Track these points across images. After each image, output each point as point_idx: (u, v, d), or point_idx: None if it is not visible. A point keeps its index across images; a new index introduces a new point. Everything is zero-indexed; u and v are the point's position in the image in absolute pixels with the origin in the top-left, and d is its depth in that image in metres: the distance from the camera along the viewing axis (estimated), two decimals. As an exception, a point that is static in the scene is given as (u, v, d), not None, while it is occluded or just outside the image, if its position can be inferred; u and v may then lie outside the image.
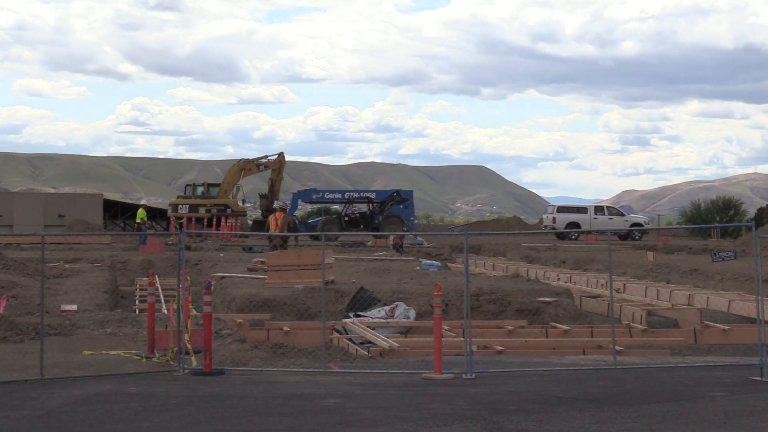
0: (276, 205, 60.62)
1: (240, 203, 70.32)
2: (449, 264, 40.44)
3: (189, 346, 18.09)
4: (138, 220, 67.07)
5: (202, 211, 67.37)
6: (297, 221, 63.37)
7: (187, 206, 69.47)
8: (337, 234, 56.32)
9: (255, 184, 66.56)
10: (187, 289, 19.66)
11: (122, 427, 12.76)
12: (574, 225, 67.31)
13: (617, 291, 27.76)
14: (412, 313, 25.33)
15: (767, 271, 24.34)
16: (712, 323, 24.84)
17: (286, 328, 23.72)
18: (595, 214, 70.23)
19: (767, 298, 22.23)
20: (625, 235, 63.41)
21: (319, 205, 72.27)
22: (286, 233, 47.00)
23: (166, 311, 23.40)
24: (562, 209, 74.12)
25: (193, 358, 17.57)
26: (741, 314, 25.51)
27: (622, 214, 73.56)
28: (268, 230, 50.47)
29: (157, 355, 19.42)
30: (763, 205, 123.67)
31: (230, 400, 14.62)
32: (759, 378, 16.17)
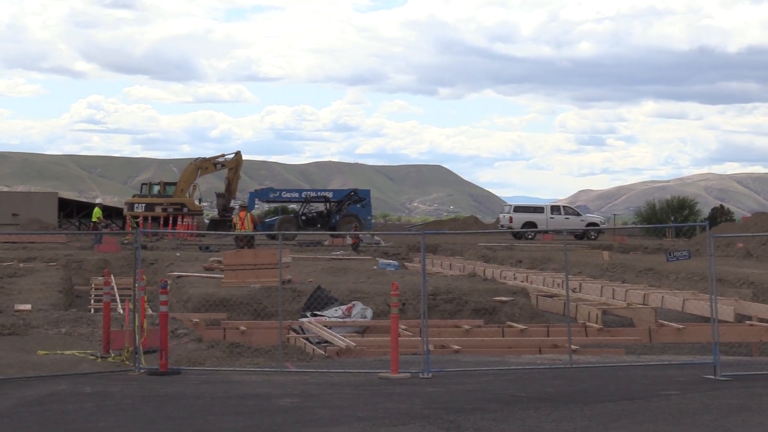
0: (239, 203, 60.85)
1: (197, 202, 70.11)
2: (406, 263, 40.59)
3: (144, 346, 18.11)
4: (94, 219, 66.60)
5: (158, 210, 67.14)
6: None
7: (144, 205, 69.27)
8: (294, 233, 56.35)
9: (212, 183, 66.34)
10: (143, 289, 19.62)
11: (77, 427, 12.73)
12: (530, 225, 67.53)
13: (573, 290, 27.94)
14: (369, 313, 25.39)
15: (721, 271, 24.57)
16: (666, 322, 25.00)
17: (242, 328, 23.71)
18: (552, 213, 70.50)
19: (721, 297, 22.49)
20: (581, 235, 63.68)
21: (275, 204, 72.29)
22: (252, 232, 47.04)
23: (121, 311, 23.36)
24: (518, 209, 74.36)
25: (142, 359, 17.56)
26: (695, 313, 25.71)
27: (578, 214, 73.92)
28: (234, 229, 50.65)
29: (113, 355, 19.37)
30: (717, 205, 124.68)
31: (186, 399, 14.62)
32: (712, 376, 16.30)
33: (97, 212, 66.95)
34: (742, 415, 13.11)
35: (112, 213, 78.14)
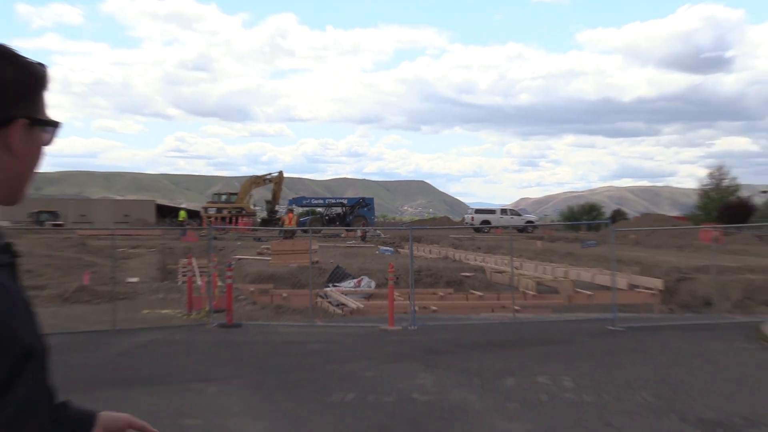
0: (287, 208, 61.04)
1: (251, 207, 70.06)
2: (399, 249, 40.46)
3: (216, 307, 18.20)
4: (180, 219, 66.89)
5: (225, 212, 67.08)
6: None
7: (215, 209, 69.23)
8: (320, 228, 56.13)
9: (262, 194, 66.23)
10: (214, 267, 19.74)
11: (170, 362, 12.83)
12: (486, 222, 67.31)
13: (516, 268, 27.91)
14: (373, 284, 25.44)
15: (618, 254, 24.65)
16: (580, 290, 25.06)
17: (284, 294, 23.74)
18: (501, 214, 70.28)
19: (618, 272, 22.54)
20: (521, 229, 63.64)
21: (307, 208, 72.00)
22: (294, 227, 47.26)
23: (200, 283, 23.39)
24: (478, 211, 74.15)
25: (215, 316, 17.63)
26: (601, 284, 25.71)
27: (520, 215, 73.60)
28: (282, 225, 50.91)
29: (194, 314, 19.49)
30: (616, 209, 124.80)
31: (245, 344, 14.69)
32: (612, 327, 16.37)
33: (182, 214, 67.27)
34: (631, 354, 13.20)
35: (193, 214, 77.98)
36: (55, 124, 1.85)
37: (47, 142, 1.85)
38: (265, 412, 9.20)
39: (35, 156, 1.83)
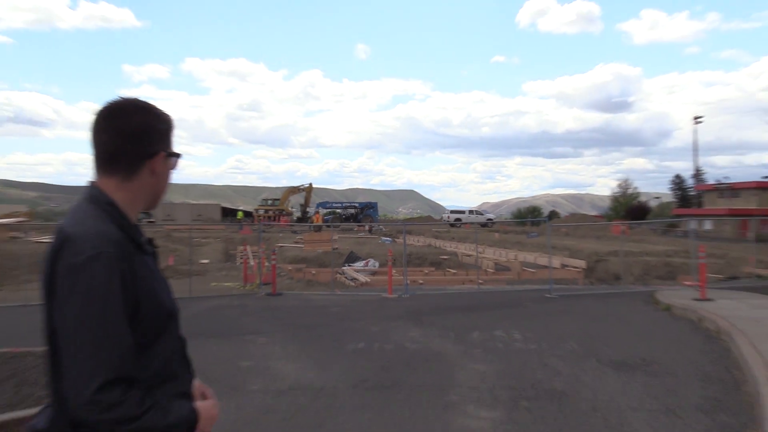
0: (315, 210, 61.26)
1: (290, 209, 69.97)
2: (395, 239, 40.51)
3: (264, 281, 18.18)
4: (238, 217, 66.81)
5: (270, 212, 66.99)
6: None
7: (263, 210, 69.15)
8: (339, 224, 56.17)
9: (297, 199, 66.40)
10: (263, 252, 19.71)
11: (231, 321, 12.81)
12: (458, 219, 67.22)
13: (480, 252, 27.92)
14: (377, 264, 25.46)
15: (554, 242, 24.64)
16: (527, 268, 25.07)
17: (313, 272, 23.78)
18: (469, 214, 70.06)
19: (554, 256, 22.49)
20: (483, 224, 63.52)
21: (329, 209, 71.95)
22: (321, 223, 47.41)
23: (252, 263, 23.38)
24: (453, 211, 73.83)
25: (263, 288, 17.62)
26: (541, 264, 25.74)
27: (482, 214, 73.43)
28: (312, 222, 51.08)
29: (248, 286, 19.48)
30: (552, 210, 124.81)
31: (285, 308, 14.68)
32: (549, 295, 16.35)
33: (240, 214, 67.37)
34: (564, 315, 13.18)
35: (247, 214, 77.77)
36: (179, 155, 2.06)
37: (174, 167, 2.06)
38: (299, 357, 9.21)
39: (167, 177, 2.05)
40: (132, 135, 1.90)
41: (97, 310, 1.68)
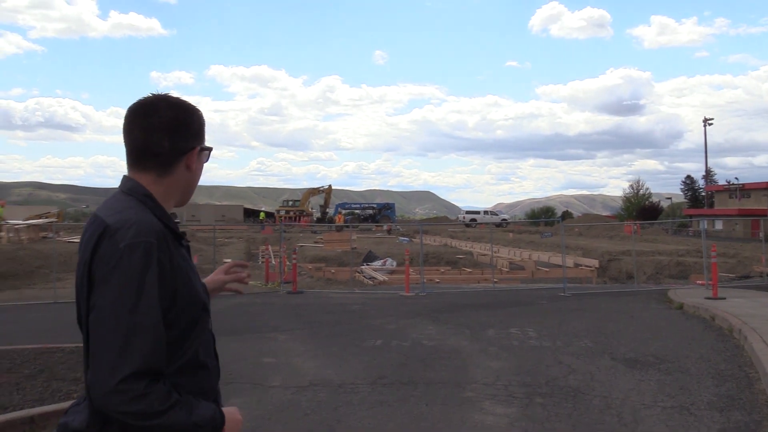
0: (337, 210, 61.43)
1: (310, 210, 70.14)
2: (412, 239, 40.49)
3: (285, 279, 18.20)
4: (260, 218, 67.08)
5: (291, 213, 67.16)
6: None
7: (284, 211, 69.34)
8: (358, 224, 56.22)
9: (317, 200, 66.30)
10: (284, 251, 19.75)
11: (254, 317, 12.82)
12: (473, 220, 66.95)
13: (495, 252, 27.82)
14: (394, 263, 25.40)
15: (567, 242, 24.46)
16: (540, 267, 24.92)
17: (332, 270, 23.78)
18: (484, 214, 69.86)
19: (567, 255, 22.33)
20: (498, 224, 63.22)
21: (348, 210, 72.07)
22: (342, 224, 47.57)
23: (274, 262, 23.42)
24: (468, 212, 73.68)
25: (284, 286, 17.63)
26: (555, 263, 25.58)
27: (497, 214, 73.21)
28: (334, 222, 51.24)
29: (270, 284, 19.52)
30: (565, 210, 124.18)
31: (306, 305, 14.67)
32: (563, 294, 16.24)
33: (262, 214, 67.59)
34: (578, 313, 13.07)
35: (269, 215, 78.08)
36: (210, 149, 2.01)
37: (206, 161, 2.02)
38: (319, 353, 9.18)
39: (200, 171, 2.00)
40: (167, 131, 1.86)
41: (132, 299, 1.63)
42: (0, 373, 7.31)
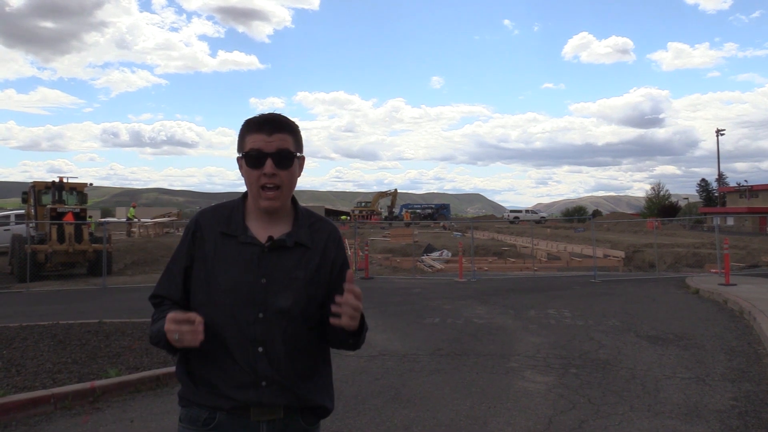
0: (402, 210, 61.60)
1: (379, 210, 70.47)
2: (465, 234, 40.12)
3: (359, 267, 18.34)
4: (341, 218, 67.75)
5: (364, 212, 67.62)
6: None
7: (358, 210, 69.88)
8: (419, 221, 56.11)
9: (385, 202, 66.60)
10: (358, 244, 19.89)
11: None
12: (516, 217, 65.74)
13: (535, 244, 27.27)
14: (450, 254, 25.24)
15: (598, 236, 23.76)
16: (574, 257, 24.31)
17: (398, 260, 23.82)
18: (525, 213, 68.74)
19: (597, 247, 21.69)
20: (538, 222, 61.82)
21: (411, 210, 71.98)
22: (409, 221, 47.65)
23: (349, 253, 23.64)
24: (512, 211, 72.44)
25: (356, 274, 17.77)
26: (587, 254, 24.89)
27: (537, 213, 71.85)
28: (402, 219, 51.27)
29: (348, 271, 19.72)
30: (595, 209, 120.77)
31: (376, 289, 14.74)
32: (593, 280, 15.82)
33: (344, 217, 67.97)
34: (605, 296, 12.70)
35: (345, 214, 78.94)
36: (244, 155, 1.84)
37: (254, 165, 1.82)
38: (387, 328, 9.23)
39: (247, 175, 1.85)
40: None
41: (174, 252, 1.93)
42: (134, 340, 7.64)
